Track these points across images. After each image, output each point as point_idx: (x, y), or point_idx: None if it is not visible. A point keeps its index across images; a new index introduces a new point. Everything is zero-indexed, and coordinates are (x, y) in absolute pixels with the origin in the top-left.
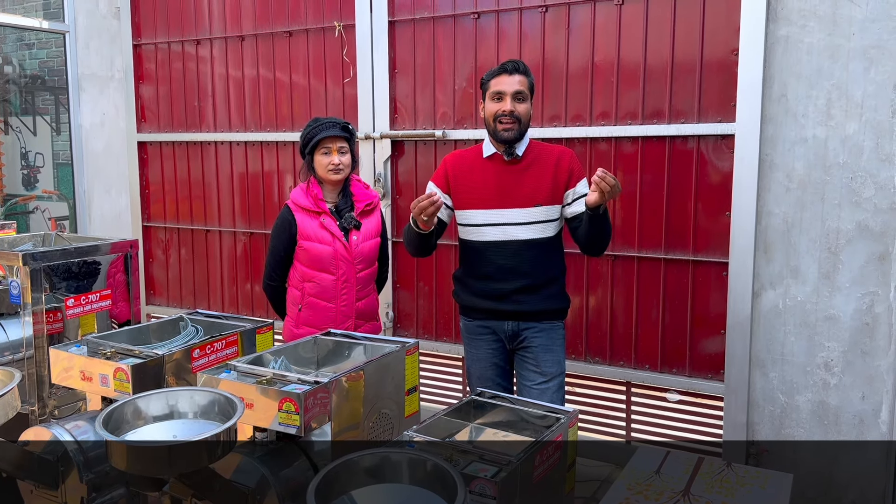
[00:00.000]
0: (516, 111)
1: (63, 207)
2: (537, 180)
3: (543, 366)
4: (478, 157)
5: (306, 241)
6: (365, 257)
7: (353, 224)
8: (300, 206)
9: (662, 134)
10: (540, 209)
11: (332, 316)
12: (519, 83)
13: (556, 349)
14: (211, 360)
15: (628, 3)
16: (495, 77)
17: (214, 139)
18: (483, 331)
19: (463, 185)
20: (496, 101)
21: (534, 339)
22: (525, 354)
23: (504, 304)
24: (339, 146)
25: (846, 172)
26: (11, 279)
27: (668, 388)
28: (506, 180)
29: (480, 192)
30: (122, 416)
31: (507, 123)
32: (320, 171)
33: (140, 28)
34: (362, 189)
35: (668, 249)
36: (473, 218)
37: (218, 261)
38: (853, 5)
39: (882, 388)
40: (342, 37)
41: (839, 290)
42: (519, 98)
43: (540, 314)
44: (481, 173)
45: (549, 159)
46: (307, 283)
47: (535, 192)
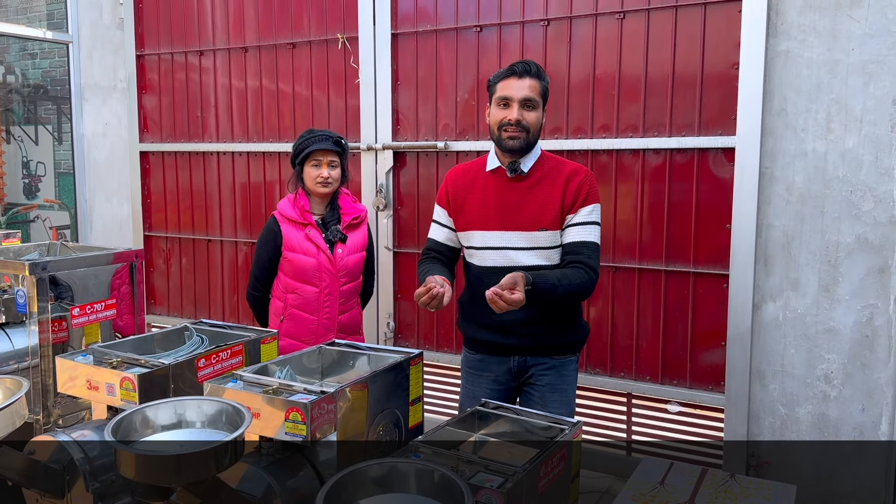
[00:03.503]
0: (524, 120)
1: (64, 216)
2: (543, 201)
3: (550, 407)
4: (480, 170)
5: (291, 252)
6: (349, 270)
7: (339, 237)
8: (286, 216)
9: (663, 147)
10: (544, 234)
11: (313, 328)
12: (529, 88)
13: (567, 389)
14: (216, 369)
15: (630, 17)
16: (503, 80)
17: (217, 149)
18: (485, 368)
19: (463, 203)
20: (502, 107)
21: (542, 377)
22: (531, 392)
23: (509, 337)
24: (329, 160)
25: (846, 186)
26: (17, 288)
27: (668, 400)
28: (508, 199)
29: (480, 212)
30: (131, 425)
31: (514, 133)
32: (309, 182)
33: (143, 38)
34: (350, 203)
35: (669, 261)
36: (472, 240)
37: (219, 270)
38: (852, 21)
39: (882, 400)
40: (346, 48)
41: (839, 303)
42: (528, 105)
43: (550, 349)
44: (482, 190)
45: (558, 178)
46: (290, 295)
47: (539, 215)
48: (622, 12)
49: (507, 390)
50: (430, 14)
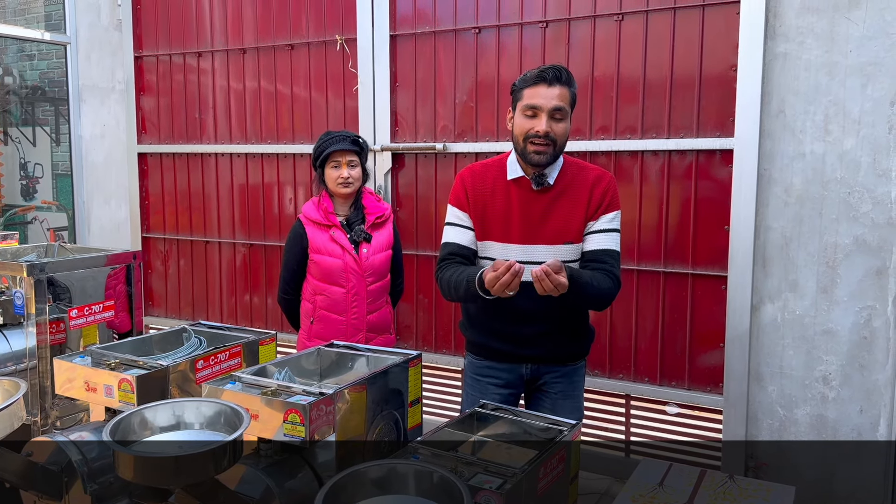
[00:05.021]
0: (552, 132)
1: (61, 218)
2: (569, 212)
3: (560, 413)
4: (500, 176)
5: (317, 254)
6: (375, 270)
7: (364, 237)
8: (311, 219)
9: (661, 148)
10: (569, 247)
11: (342, 329)
12: (559, 97)
13: (577, 395)
14: (215, 371)
15: (628, 19)
16: (531, 86)
17: (215, 151)
18: (492, 374)
19: (483, 211)
20: (530, 116)
21: (554, 385)
22: (542, 399)
23: (523, 348)
24: (348, 160)
25: (844, 187)
26: (15, 290)
27: (667, 401)
28: (532, 212)
29: (502, 224)
30: (130, 427)
31: (540, 146)
32: (330, 184)
33: (142, 40)
34: (374, 202)
35: (668, 263)
36: (491, 251)
37: (217, 272)
38: (850, 23)
39: (880, 401)
40: (344, 50)
41: (837, 304)
42: (557, 116)
43: (563, 357)
44: (504, 200)
45: (583, 185)
46: (318, 296)
47: (565, 228)
48: (621, 14)
49: (515, 395)
50: (429, 16)
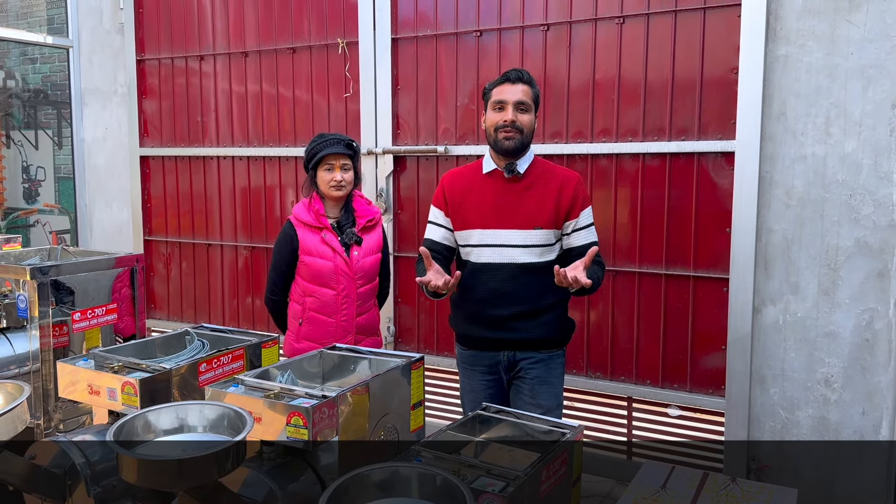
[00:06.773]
0: (518, 121)
1: (64, 221)
2: (539, 202)
3: (539, 398)
4: (476, 173)
5: (307, 255)
6: (366, 272)
7: (354, 239)
8: (302, 221)
9: (663, 151)
10: (539, 232)
11: (332, 331)
12: (522, 93)
13: (555, 381)
14: (217, 374)
15: (629, 22)
16: (497, 86)
17: (217, 154)
18: (477, 361)
19: (460, 203)
20: (498, 110)
21: (531, 370)
22: (521, 385)
23: (499, 332)
24: (342, 163)
25: (845, 190)
26: (18, 293)
27: (668, 404)
28: (505, 199)
29: (477, 211)
30: (133, 430)
31: (509, 132)
32: (322, 186)
33: (144, 43)
34: (364, 205)
35: (669, 265)
36: (469, 238)
37: (219, 275)
38: (851, 25)
39: (882, 403)
40: (345, 53)
41: (839, 307)
42: (521, 108)
43: (538, 342)
44: (479, 191)
45: (552, 181)
46: (308, 298)
47: (535, 214)
48: (622, 17)
49: (500, 382)
50: (430, 19)
